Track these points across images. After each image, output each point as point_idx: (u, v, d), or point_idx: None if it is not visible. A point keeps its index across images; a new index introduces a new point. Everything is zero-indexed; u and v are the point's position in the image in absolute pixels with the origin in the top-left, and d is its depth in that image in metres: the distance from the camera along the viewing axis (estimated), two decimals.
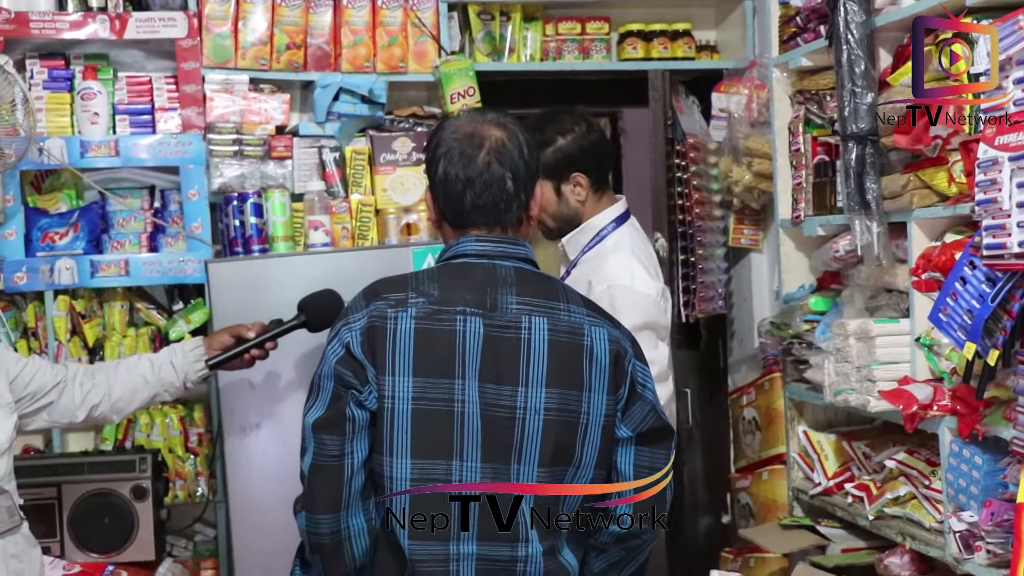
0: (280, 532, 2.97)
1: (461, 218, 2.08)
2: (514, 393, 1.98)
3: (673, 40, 3.95)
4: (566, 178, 2.79)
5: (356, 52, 3.59)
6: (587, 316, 2.06)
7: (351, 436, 2.00)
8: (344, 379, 2.00)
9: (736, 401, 3.84)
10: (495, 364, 1.98)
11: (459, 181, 2.05)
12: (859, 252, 2.82)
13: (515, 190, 2.06)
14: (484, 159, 2.04)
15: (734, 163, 3.75)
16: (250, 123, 3.47)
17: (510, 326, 2.00)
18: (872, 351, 2.76)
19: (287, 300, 2.92)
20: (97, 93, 3.41)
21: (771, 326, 3.39)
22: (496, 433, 1.98)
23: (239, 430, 3.06)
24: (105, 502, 3.06)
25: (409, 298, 2.01)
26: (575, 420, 2.00)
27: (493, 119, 2.10)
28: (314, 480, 2.03)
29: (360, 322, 2.01)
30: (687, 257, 3.84)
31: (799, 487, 3.35)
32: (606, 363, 2.03)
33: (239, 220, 3.31)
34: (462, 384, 1.98)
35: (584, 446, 2.02)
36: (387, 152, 3.49)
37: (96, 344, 3.42)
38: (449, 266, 2.08)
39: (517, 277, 2.06)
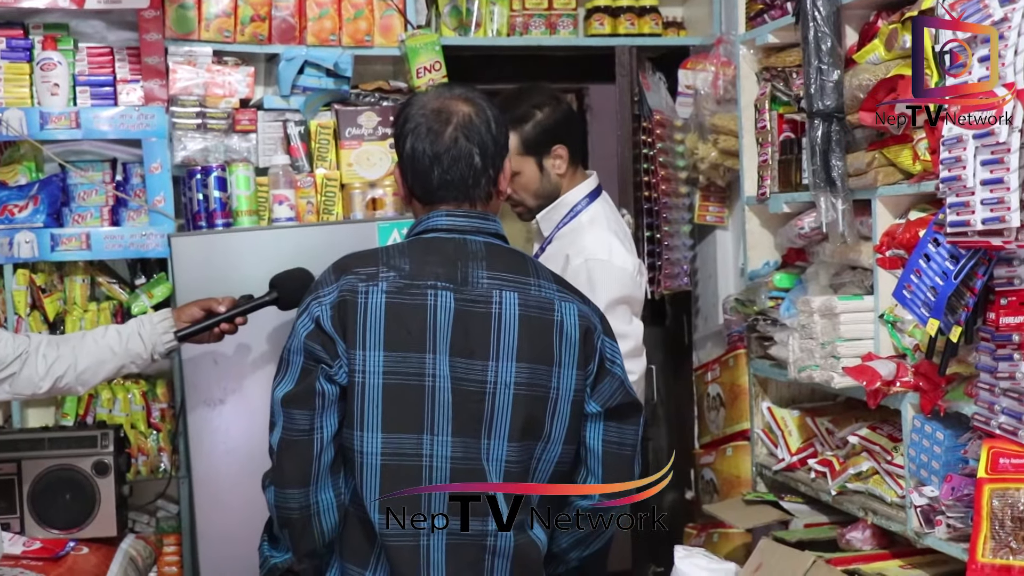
0: (243, 507, 2.97)
1: (430, 194, 2.08)
2: (485, 367, 1.99)
3: (640, 16, 3.94)
4: (547, 152, 2.81)
5: (321, 25, 3.55)
6: (557, 292, 2.07)
7: (321, 411, 2.00)
8: (314, 353, 2.00)
9: (701, 377, 3.86)
10: (466, 338, 1.99)
11: (426, 157, 2.05)
12: (824, 229, 2.83)
13: (483, 165, 2.06)
14: (451, 135, 2.04)
15: (700, 140, 3.76)
16: (214, 96, 3.42)
17: (481, 300, 2.00)
18: (836, 328, 2.79)
19: (252, 275, 2.91)
20: (57, 64, 3.35)
21: (736, 303, 3.40)
22: (467, 407, 1.98)
23: (202, 405, 3.04)
24: (66, 478, 3.01)
25: (380, 272, 2.01)
26: (545, 395, 2.01)
27: (461, 94, 2.10)
28: (283, 455, 2.03)
29: (330, 296, 2.01)
30: (653, 234, 3.85)
31: (763, 463, 3.38)
32: (576, 338, 2.04)
33: (203, 194, 3.27)
34: (433, 358, 1.98)
35: (553, 421, 2.03)
36: (352, 126, 3.45)
37: (57, 319, 3.37)
38: (419, 241, 2.08)
39: (488, 252, 2.06)
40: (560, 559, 2.18)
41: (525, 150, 2.80)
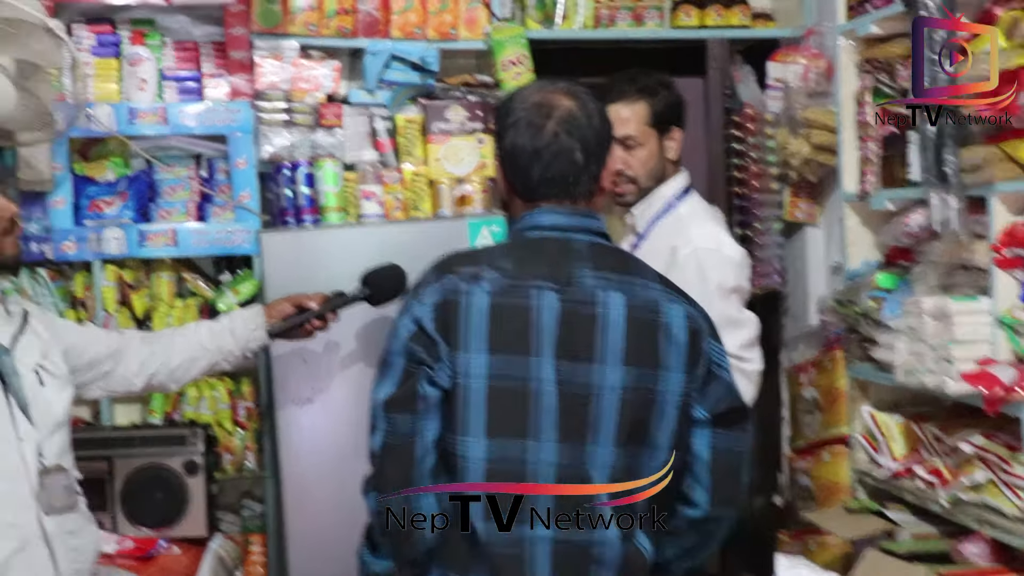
0: (332, 507, 2.97)
1: (530, 191, 2.02)
2: (590, 370, 1.92)
3: (728, 7, 3.84)
4: (668, 131, 2.78)
5: (406, 18, 3.50)
6: (663, 292, 2.00)
7: (423, 414, 1.94)
8: (416, 356, 1.95)
9: (794, 379, 3.75)
10: (570, 341, 1.92)
11: (526, 152, 1.99)
12: (936, 227, 2.72)
13: (584, 162, 2.00)
14: (552, 130, 1.98)
15: (791, 135, 3.65)
16: (299, 91, 3.39)
17: (586, 301, 1.94)
18: (949, 330, 2.68)
19: (340, 272, 2.88)
20: (145, 59, 3.35)
21: (834, 303, 3.30)
22: (572, 412, 1.92)
23: (291, 403, 3.02)
24: (157, 476, 3.01)
25: (483, 272, 1.96)
26: (651, 399, 1.94)
27: (563, 88, 2.04)
28: (384, 460, 1.98)
29: (432, 297, 1.96)
30: (744, 231, 3.76)
31: (863, 470, 3.27)
32: (683, 341, 1.97)
33: (291, 190, 3.24)
34: (537, 361, 1.92)
35: (660, 426, 1.96)
36: (440, 121, 3.40)
37: (144, 315, 3.37)
38: (522, 240, 2.03)
39: (592, 251, 2.00)
40: (666, 570, 2.11)
41: (654, 121, 2.77)
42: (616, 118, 2.67)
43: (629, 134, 2.73)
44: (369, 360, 2.96)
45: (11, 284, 3.19)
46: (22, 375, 2.28)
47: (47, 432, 2.28)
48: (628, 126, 2.73)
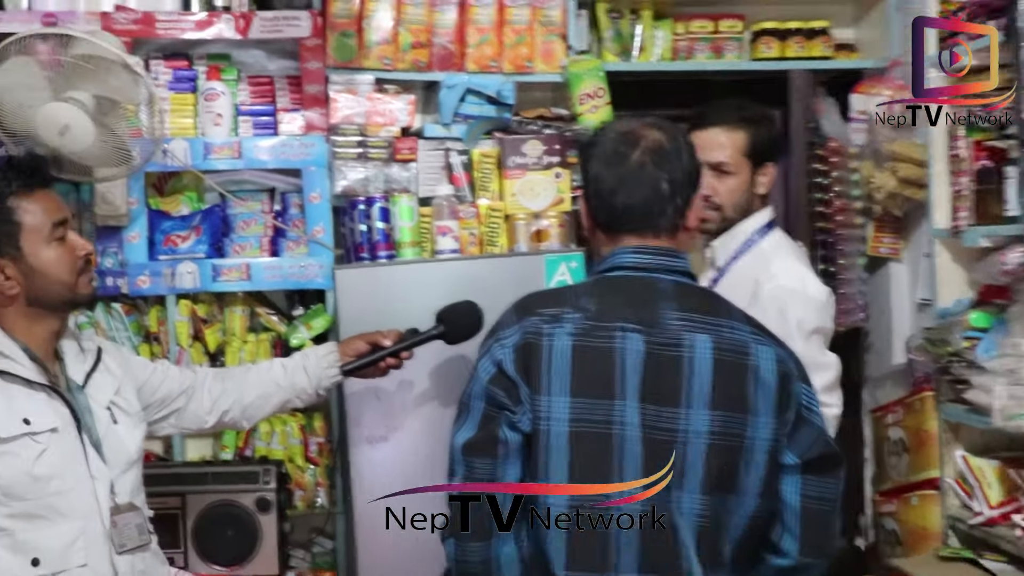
0: (406, 548, 2.90)
1: (614, 222, 1.97)
2: (676, 415, 1.86)
3: (809, 38, 3.77)
4: (762, 165, 2.71)
5: (482, 51, 3.47)
6: (751, 334, 1.94)
7: (503, 459, 1.90)
8: (496, 399, 1.90)
9: (880, 420, 3.64)
10: (656, 384, 1.86)
11: (610, 181, 1.94)
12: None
13: (670, 193, 1.94)
14: (638, 159, 1.94)
15: (876, 168, 3.56)
16: (375, 124, 3.36)
17: (671, 343, 1.87)
18: None
19: (415, 308, 2.84)
20: (221, 94, 3.34)
21: (924, 342, 3.19)
22: (657, 458, 1.85)
23: (364, 441, 2.97)
24: (229, 513, 3.00)
25: (565, 313, 1.90)
26: (739, 444, 1.87)
27: (653, 121, 2.00)
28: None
29: (513, 338, 1.91)
30: (827, 267, 3.66)
31: (955, 515, 3.15)
32: (773, 384, 1.90)
33: (366, 225, 3.20)
34: (622, 405, 1.86)
35: (748, 473, 1.89)
36: (517, 155, 3.35)
37: (217, 350, 3.35)
38: (605, 279, 1.97)
39: (677, 291, 1.94)
40: None
41: (750, 152, 2.69)
42: (713, 142, 2.63)
43: (723, 160, 2.66)
44: (443, 398, 2.92)
45: (86, 318, 3.22)
46: (95, 413, 2.28)
47: (120, 470, 2.27)
48: (724, 152, 2.66)
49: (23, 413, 2.15)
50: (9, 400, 2.15)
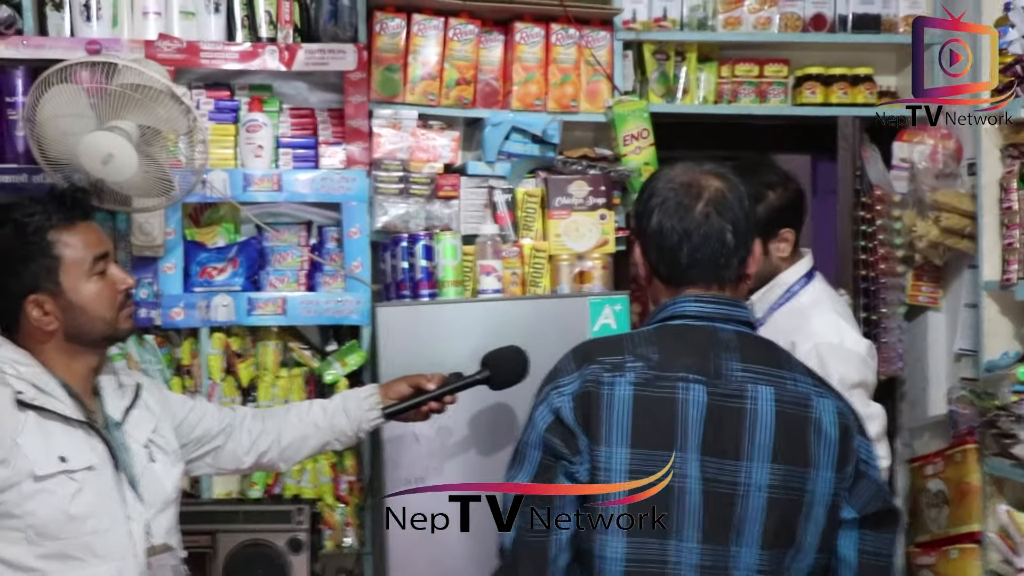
0: None
1: (677, 274, 1.93)
2: (737, 468, 1.82)
3: (854, 85, 3.75)
4: (774, 234, 2.65)
5: (527, 89, 3.45)
6: (813, 386, 1.91)
7: (558, 510, 1.84)
8: (554, 448, 1.86)
9: (918, 471, 3.58)
10: (718, 436, 1.83)
11: (675, 233, 1.90)
12: None
13: (735, 244, 1.91)
14: (703, 210, 1.90)
15: (919, 217, 3.53)
16: (417, 160, 3.33)
17: (735, 395, 1.84)
18: None
19: (457, 348, 2.81)
20: (263, 125, 3.32)
21: (969, 394, 3.14)
22: (717, 511, 1.82)
23: (402, 484, 2.91)
24: (260, 553, 2.95)
25: (626, 362, 1.87)
26: (799, 499, 1.84)
27: (711, 169, 1.96)
28: (518, 556, 1.88)
29: (572, 386, 1.87)
30: (869, 315, 3.62)
31: (996, 570, 3.10)
32: (834, 438, 1.86)
33: (408, 262, 3.16)
34: (682, 456, 1.82)
35: (807, 528, 1.85)
36: (562, 196, 3.31)
37: (249, 384, 3.30)
38: (667, 328, 1.93)
39: (740, 342, 1.90)
40: None
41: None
42: None
43: None
44: (483, 443, 2.89)
45: (118, 350, 3.17)
46: (132, 450, 2.22)
47: (156, 510, 2.22)
48: None
49: (60, 450, 2.09)
50: (46, 437, 2.09)
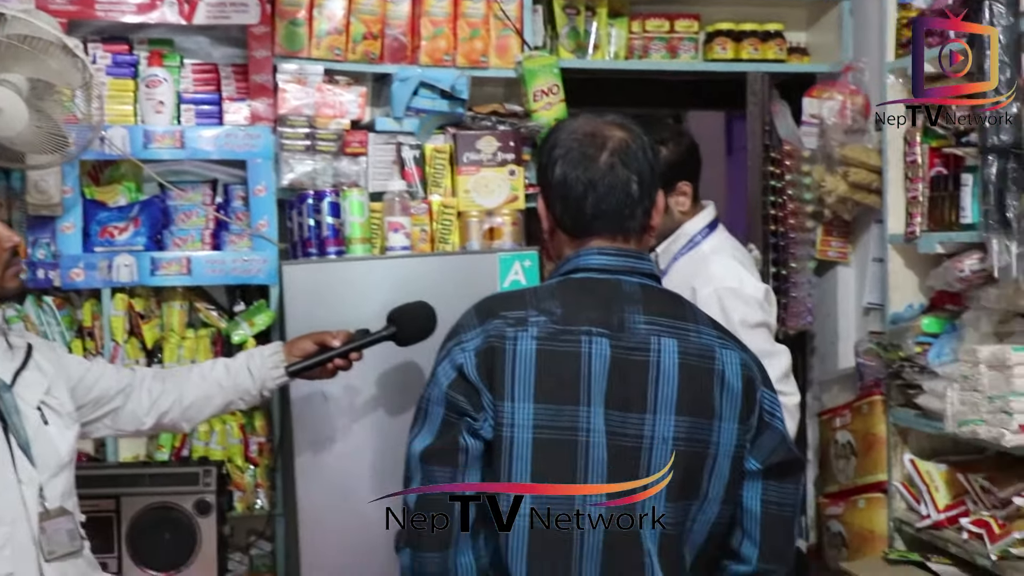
0: (348, 550, 2.85)
1: (582, 226, 1.90)
2: (641, 421, 1.81)
3: (764, 41, 3.76)
4: (672, 188, 2.68)
5: (435, 44, 3.39)
6: (717, 338, 1.90)
7: (463, 467, 1.83)
8: (457, 405, 1.83)
9: (827, 423, 3.64)
10: (622, 389, 1.81)
11: (580, 183, 1.87)
12: (995, 273, 2.61)
13: (640, 195, 1.89)
14: (607, 160, 1.87)
15: (828, 172, 3.56)
16: (324, 116, 3.26)
17: (639, 348, 1.82)
18: (1009, 381, 2.57)
19: (365, 306, 2.76)
20: (163, 80, 3.22)
21: (876, 346, 3.19)
22: (622, 465, 1.80)
23: (310, 442, 2.88)
24: (167, 516, 2.87)
25: (529, 316, 1.84)
26: (704, 451, 1.83)
27: (614, 119, 1.93)
28: (421, 514, 1.85)
29: (474, 341, 1.84)
30: (779, 270, 3.66)
31: (902, 518, 3.15)
32: (738, 389, 1.86)
33: (314, 219, 3.10)
34: (587, 411, 1.80)
35: (711, 479, 1.85)
36: (471, 151, 3.28)
37: (155, 346, 3.23)
38: (570, 281, 1.90)
39: (644, 294, 1.88)
40: None
41: None
42: None
43: None
44: (392, 401, 2.85)
45: (15, 312, 3.08)
46: (24, 413, 2.14)
47: (50, 474, 2.14)
48: None
49: None
50: None
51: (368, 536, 2.63)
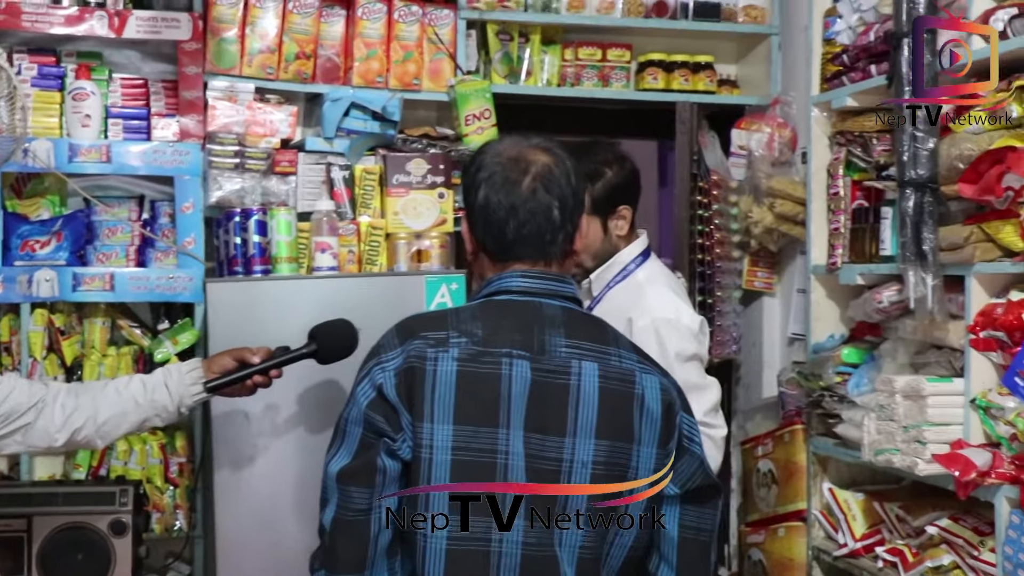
0: (267, 572, 2.79)
1: (503, 249, 1.90)
2: (560, 444, 1.81)
3: (695, 72, 3.81)
4: (612, 212, 2.67)
5: (368, 66, 3.40)
6: (638, 363, 1.90)
7: (380, 488, 1.81)
8: (375, 425, 1.81)
9: (749, 452, 3.67)
10: (542, 412, 1.81)
11: (502, 208, 1.87)
12: (911, 305, 2.66)
13: (561, 220, 1.89)
14: (529, 185, 1.88)
15: (755, 203, 3.61)
16: (254, 135, 3.25)
17: (559, 371, 1.83)
18: (923, 411, 2.61)
19: (289, 325, 2.73)
20: (90, 94, 3.18)
21: (797, 375, 3.22)
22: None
23: (230, 462, 2.84)
24: (80, 537, 2.80)
25: (451, 337, 1.83)
26: (623, 475, 1.83)
27: (539, 143, 1.94)
28: (337, 536, 1.84)
29: (395, 361, 1.82)
30: (705, 299, 3.69)
31: (820, 547, 3.18)
32: (658, 414, 1.86)
33: (241, 238, 3.08)
34: (506, 433, 1.80)
35: (630, 504, 1.84)
36: (401, 173, 3.28)
37: (74, 363, 3.17)
38: (492, 303, 1.90)
39: (565, 318, 1.89)
40: None
41: (593, 209, 2.63)
42: None
43: None
44: (313, 420, 2.82)
45: None
46: None
47: None
48: None
49: None
50: None
51: (287, 558, 2.60)
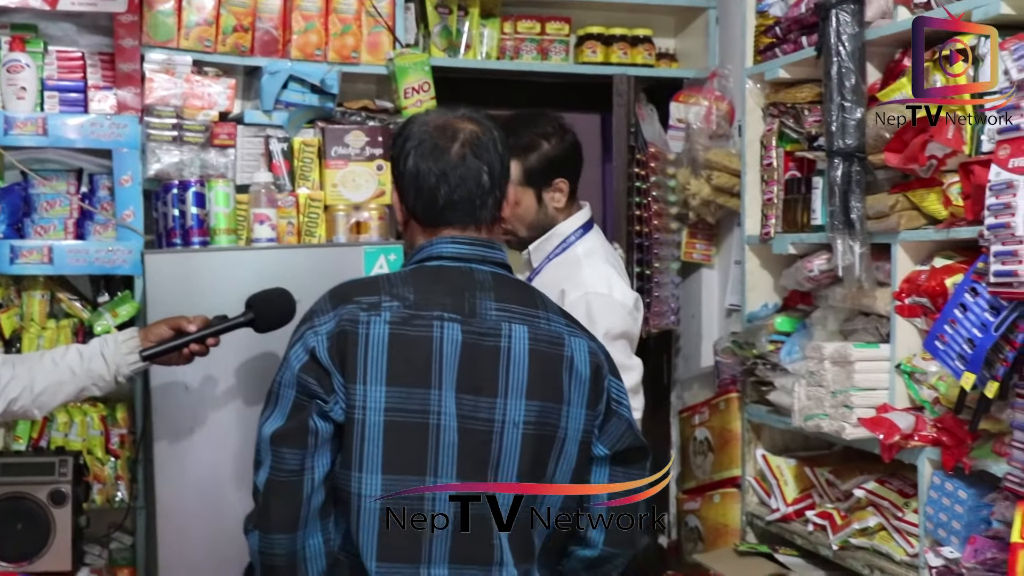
0: (208, 542, 2.83)
1: (434, 215, 1.94)
2: (492, 405, 1.85)
3: (633, 46, 3.85)
4: (548, 184, 2.65)
5: (307, 39, 3.40)
6: (566, 327, 1.95)
7: (313, 450, 1.84)
8: (308, 388, 1.84)
9: (687, 420, 3.73)
10: (473, 374, 1.85)
11: (432, 174, 1.91)
12: (839, 272, 2.72)
13: (490, 185, 1.94)
14: (458, 151, 1.92)
15: (692, 175, 3.66)
16: (192, 107, 3.24)
17: (489, 333, 1.87)
18: (850, 376, 2.67)
19: (228, 296, 2.73)
20: (25, 66, 3.15)
21: (732, 344, 3.28)
22: (472, 448, 1.84)
23: (169, 433, 2.86)
24: (19, 507, 2.82)
25: (383, 301, 1.87)
26: (552, 435, 1.88)
27: (465, 113, 1.99)
28: (270, 497, 1.87)
29: (327, 325, 1.86)
30: (643, 270, 3.74)
31: (754, 512, 3.25)
32: (586, 376, 1.92)
33: (179, 210, 3.07)
34: (438, 394, 1.84)
35: (559, 463, 1.90)
36: (339, 146, 3.29)
37: (13, 336, 3.16)
38: (424, 269, 1.94)
39: (495, 282, 1.93)
40: None
41: (526, 180, 2.64)
42: None
43: None
44: (252, 390, 2.83)
45: None
46: None
47: None
48: None
49: None
50: None
51: (228, 526, 2.60)
